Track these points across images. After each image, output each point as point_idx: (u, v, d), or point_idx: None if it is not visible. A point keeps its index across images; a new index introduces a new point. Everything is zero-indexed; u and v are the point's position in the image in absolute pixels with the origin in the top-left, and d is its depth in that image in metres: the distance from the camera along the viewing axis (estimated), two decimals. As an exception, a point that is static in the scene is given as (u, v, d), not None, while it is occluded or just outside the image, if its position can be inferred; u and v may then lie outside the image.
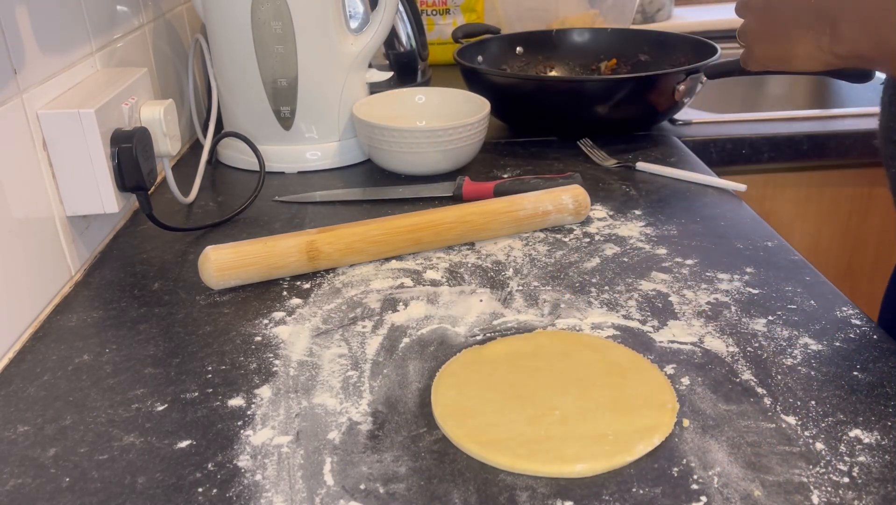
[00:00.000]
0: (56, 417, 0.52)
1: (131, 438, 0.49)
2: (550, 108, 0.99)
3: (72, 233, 0.70)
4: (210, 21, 0.92)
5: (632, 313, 0.62)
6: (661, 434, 0.47)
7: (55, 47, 0.69)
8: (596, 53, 1.21)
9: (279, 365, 0.57)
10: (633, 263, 0.69)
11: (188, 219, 0.83)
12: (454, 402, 0.51)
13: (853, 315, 0.60)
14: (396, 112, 0.97)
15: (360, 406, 0.52)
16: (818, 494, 0.43)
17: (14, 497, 0.45)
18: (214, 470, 0.46)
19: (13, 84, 0.61)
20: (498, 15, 1.51)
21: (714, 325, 0.59)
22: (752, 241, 0.72)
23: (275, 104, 0.92)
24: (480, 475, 0.45)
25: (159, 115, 0.76)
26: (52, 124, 0.65)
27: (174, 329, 0.62)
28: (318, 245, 0.68)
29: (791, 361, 0.55)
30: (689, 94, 0.98)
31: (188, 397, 0.53)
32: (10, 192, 0.60)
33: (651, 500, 0.43)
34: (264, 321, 0.62)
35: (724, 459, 0.46)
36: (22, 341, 0.60)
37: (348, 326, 0.61)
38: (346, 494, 0.44)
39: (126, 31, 0.86)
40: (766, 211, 1.17)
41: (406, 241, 0.71)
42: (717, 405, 0.50)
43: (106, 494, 0.45)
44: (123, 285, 0.69)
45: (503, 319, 0.62)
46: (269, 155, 0.93)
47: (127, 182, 0.71)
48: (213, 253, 0.65)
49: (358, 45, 0.94)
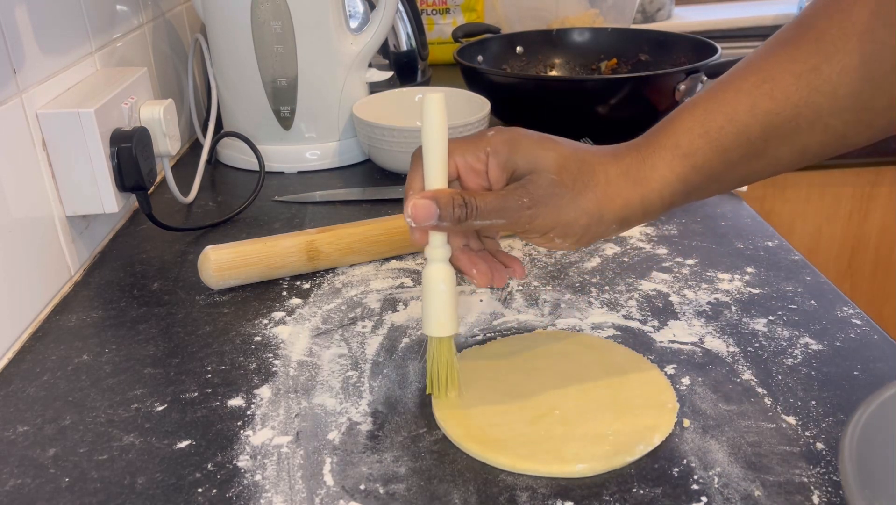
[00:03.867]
0: (56, 417, 0.52)
1: (131, 439, 0.49)
2: (550, 108, 0.99)
3: (71, 233, 0.70)
4: (210, 21, 0.92)
5: (632, 313, 0.62)
6: (662, 434, 0.47)
7: (55, 47, 0.69)
8: (596, 53, 1.21)
9: (279, 365, 0.56)
10: (633, 263, 0.69)
11: (188, 219, 0.83)
12: (454, 402, 0.51)
13: (853, 315, 0.60)
14: (396, 112, 0.97)
15: (359, 406, 0.52)
16: (818, 494, 0.43)
17: (14, 497, 0.45)
18: (214, 470, 0.46)
19: (13, 84, 0.61)
20: (498, 15, 1.51)
21: (714, 325, 0.59)
22: (753, 241, 0.72)
23: (274, 104, 0.92)
24: (480, 475, 0.45)
25: (159, 115, 0.76)
26: (52, 124, 0.65)
27: (174, 329, 0.62)
28: (318, 245, 0.68)
29: (791, 361, 0.55)
30: (690, 93, 0.98)
31: (188, 397, 0.53)
32: (9, 192, 0.60)
33: (651, 500, 0.43)
34: (264, 321, 0.62)
35: (725, 459, 0.46)
36: (21, 341, 0.60)
37: (348, 326, 0.61)
38: (345, 495, 0.44)
39: (126, 31, 0.86)
40: (767, 211, 1.17)
41: (406, 241, 0.71)
42: (717, 405, 0.50)
43: (105, 494, 0.45)
44: (123, 285, 0.69)
45: (503, 319, 0.62)
46: (269, 155, 0.93)
47: (126, 182, 0.71)
48: (212, 253, 0.65)
49: (358, 45, 0.94)
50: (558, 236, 0.48)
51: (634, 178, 0.48)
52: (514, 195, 0.46)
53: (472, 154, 0.48)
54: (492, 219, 0.46)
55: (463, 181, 0.49)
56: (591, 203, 0.47)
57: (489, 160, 0.48)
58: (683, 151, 0.47)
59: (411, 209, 0.46)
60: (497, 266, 0.50)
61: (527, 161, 0.47)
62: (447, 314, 0.49)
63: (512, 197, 0.46)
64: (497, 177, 0.48)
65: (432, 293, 0.49)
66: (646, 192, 0.48)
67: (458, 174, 0.49)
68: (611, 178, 0.48)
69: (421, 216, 0.46)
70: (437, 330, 0.49)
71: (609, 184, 0.47)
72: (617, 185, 0.48)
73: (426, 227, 0.47)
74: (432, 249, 0.48)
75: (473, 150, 0.48)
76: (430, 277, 0.49)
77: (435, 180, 0.47)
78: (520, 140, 0.48)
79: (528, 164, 0.47)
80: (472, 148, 0.48)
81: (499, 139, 0.48)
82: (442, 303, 0.48)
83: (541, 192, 0.46)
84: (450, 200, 0.46)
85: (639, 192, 0.48)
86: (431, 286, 0.48)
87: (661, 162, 0.48)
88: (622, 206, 0.48)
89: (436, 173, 0.47)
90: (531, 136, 0.48)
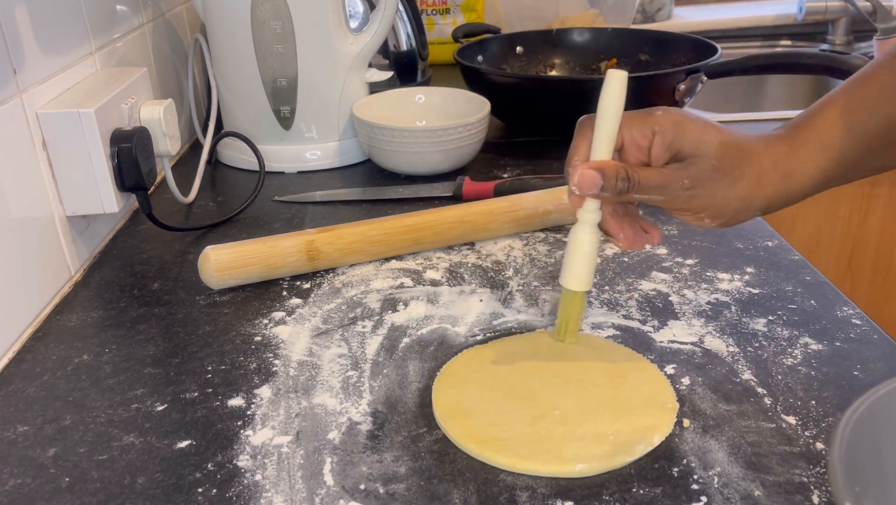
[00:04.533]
0: (56, 417, 0.52)
1: (131, 438, 0.49)
2: (550, 108, 0.99)
3: (71, 233, 0.70)
4: (210, 21, 0.92)
5: (632, 313, 0.62)
6: (661, 434, 0.47)
7: (55, 47, 0.69)
8: (596, 53, 1.21)
9: (279, 365, 0.56)
10: (633, 263, 0.69)
11: (188, 219, 0.83)
12: (454, 402, 0.51)
13: (853, 315, 0.60)
14: (396, 112, 0.97)
15: (360, 406, 0.52)
16: (818, 494, 0.43)
17: (14, 497, 0.45)
18: (214, 470, 0.46)
19: (13, 84, 0.61)
20: (498, 15, 1.51)
21: (714, 324, 0.59)
22: (753, 241, 0.72)
23: (274, 104, 0.92)
24: (480, 475, 0.45)
25: (159, 115, 0.76)
26: (52, 124, 0.65)
27: (174, 329, 0.62)
28: (318, 245, 0.68)
29: (791, 361, 0.55)
30: (690, 93, 0.98)
31: (188, 397, 0.53)
32: (9, 191, 0.60)
33: (651, 500, 0.43)
34: (264, 321, 0.62)
35: (725, 459, 0.46)
36: (21, 341, 0.60)
37: (348, 325, 0.61)
38: (346, 495, 0.44)
39: (126, 31, 0.86)
40: (767, 211, 1.17)
41: (406, 241, 0.71)
42: (717, 405, 0.50)
43: (106, 494, 0.45)
44: (123, 285, 0.69)
45: (503, 319, 0.62)
46: (269, 155, 0.93)
47: (126, 182, 0.71)
48: (212, 253, 0.65)
49: (358, 45, 0.94)
50: (709, 217, 0.52)
51: (783, 171, 0.52)
52: (676, 175, 0.50)
53: (639, 130, 0.51)
54: (651, 194, 0.50)
55: (624, 153, 0.53)
56: (744, 190, 0.51)
57: (655, 138, 0.51)
58: (825, 145, 0.51)
59: (578, 178, 0.50)
60: (639, 231, 0.54)
61: (691, 145, 0.50)
62: (587, 272, 0.54)
63: (674, 176, 0.50)
64: (659, 155, 0.52)
65: (578, 251, 0.53)
66: (791, 184, 0.52)
67: (622, 146, 0.52)
68: (763, 168, 0.51)
69: (586, 185, 0.50)
70: (576, 284, 0.54)
71: (762, 174, 0.51)
72: (767, 176, 0.51)
73: (587, 196, 0.51)
74: (585, 213, 0.53)
75: (640, 127, 0.51)
76: (578, 237, 0.53)
77: (602, 151, 0.51)
78: (685, 123, 0.51)
79: (691, 148, 0.50)
80: (640, 124, 0.52)
81: (667, 120, 0.51)
82: (586, 261, 0.53)
83: (702, 176, 0.50)
84: (615, 173, 0.50)
85: (785, 184, 0.52)
86: (578, 245, 0.53)
87: (806, 156, 0.52)
88: (770, 196, 0.52)
89: (604, 145, 0.51)
90: (696, 121, 0.51)
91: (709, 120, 0.52)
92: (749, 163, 0.51)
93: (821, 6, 1.55)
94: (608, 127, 0.50)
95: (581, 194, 0.51)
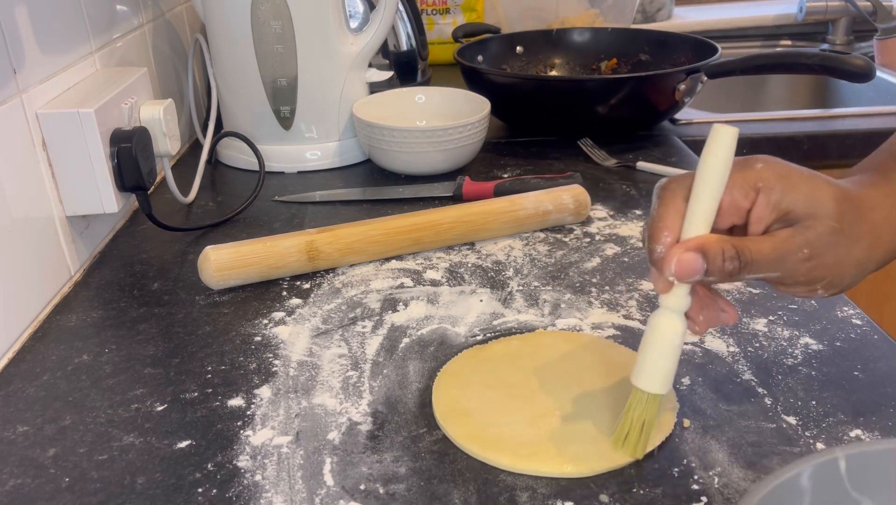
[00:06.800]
0: (55, 417, 0.52)
1: (131, 439, 0.49)
2: (550, 108, 0.99)
3: (71, 233, 0.70)
4: (210, 21, 0.92)
5: (632, 313, 0.62)
6: (662, 434, 0.47)
7: (55, 47, 0.69)
8: (596, 53, 1.21)
9: (279, 365, 0.56)
10: (633, 263, 0.69)
11: (188, 219, 0.83)
12: (455, 402, 0.51)
13: (853, 315, 0.60)
14: (396, 112, 0.97)
15: (360, 406, 0.52)
16: (819, 494, 0.43)
17: (14, 497, 0.45)
18: (214, 470, 0.46)
19: (13, 84, 0.61)
20: (498, 15, 1.51)
21: (714, 325, 0.59)
22: (753, 241, 0.72)
23: (274, 104, 0.92)
24: (480, 475, 0.45)
25: (159, 115, 0.76)
26: (52, 124, 0.65)
27: (174, 329, 0.62)
28: (318, 245, 0.68)
29: (791, 361, 0.55)
30: (690, 93, 0.98)
31: (188, 397, 0.53)
32: (9, 191, 0.60)
33: (651, 500, 0.43)
34: (264, 321, 0.62)
35: (725, 459, 0.46)
36: (21, 341, 0.60)
37: (348, 326, 0.61)
38: (346, 495, 0.44)
39: (126, 31, 0.86)
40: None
41: (406, 241, 0.71)
42: (717, 405, 0.50)
43: (105, 494, 0.45)
44: (123, 285, 0.69)
45: (503, 319, 0.62)
46: (269, 155, 0.93)
47: (126, 182, 0.71)
48: (212, 253, 0.65)
49: (358, 45, 0.94)
50: (824, 287, 0.43)
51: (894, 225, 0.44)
52: (792, 244, 0.41)
53: (740, 188, 0.41)
54: (766, 272, 0.41)
55: (718, 218, 0.42)
56: (861, 253, 0.43)
57: (758, 197, 0.41)
58: None
59: (676, 265, 0.40)
60: (717, 312, 0.45)
61: (804, 202, 0.41)
62: (671, 371, 0.44)
63: (791, 246, 0.41)
64: (763, 216, 0.42)
65: (663, 346, 0.44)
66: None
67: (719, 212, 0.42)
68: (877, 224, 0.44)
69: (686, 272, 0.40)
70: (656, 386, 0.44)
71: (875, 231, 0.43)
72: (882, 233, 0.44)
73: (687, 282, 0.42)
74: (673, 299, 0.43)
75: (741, 184, 0.41)
76: (664, 329, 0.43)
77: (702, 226, 0.41)
78: (792, 177, 0.42)
79: (805, 207, 0.41)
80: (740, 181, 0.41)
81: (771, 173, 0.41)
82: (671, 358, 0.44)
83: (822, 243, 0.41)
84: (719, 252, 0.40)
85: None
86: (664, 339, 0.44)
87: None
88: (882, 257, 0.44)
89: (705, 216, 0.41)
90: (802, 172, 0.42)
91: (815, 172, 0.43)
92: (863, 220, 0.43)
93: (821, 6, 1.55)
94: (711, 196, 0.41)
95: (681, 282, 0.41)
